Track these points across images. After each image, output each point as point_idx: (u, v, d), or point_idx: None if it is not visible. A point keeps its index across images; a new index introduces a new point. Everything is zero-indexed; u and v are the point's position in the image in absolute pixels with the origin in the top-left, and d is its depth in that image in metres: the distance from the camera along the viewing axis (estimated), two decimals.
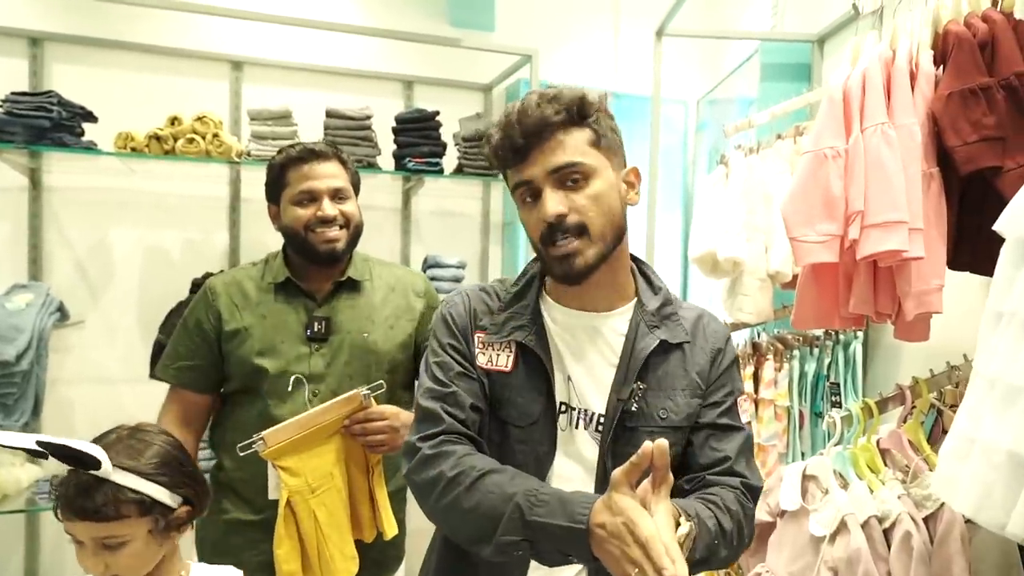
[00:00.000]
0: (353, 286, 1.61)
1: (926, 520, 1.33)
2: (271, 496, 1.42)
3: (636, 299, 1.10)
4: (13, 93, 2.18)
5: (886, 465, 1.45)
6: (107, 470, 1.02)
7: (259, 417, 1.48)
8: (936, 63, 1.35)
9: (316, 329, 1.53)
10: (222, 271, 1.63)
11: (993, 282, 0.94)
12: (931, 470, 1.39)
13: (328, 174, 1.54)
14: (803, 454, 2.06)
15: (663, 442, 0.85)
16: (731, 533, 0.97)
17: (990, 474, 0.87)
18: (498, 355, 1.06)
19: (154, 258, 2.61)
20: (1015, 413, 0.85)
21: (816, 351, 2.09)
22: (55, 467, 2.34)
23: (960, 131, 1.25)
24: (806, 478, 1.53)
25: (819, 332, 2.10)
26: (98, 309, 2.54)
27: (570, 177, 0.98)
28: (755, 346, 2.24)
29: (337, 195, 1.55)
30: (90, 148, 2.29)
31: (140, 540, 1.05)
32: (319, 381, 1.51)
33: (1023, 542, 0.97)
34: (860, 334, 2.00)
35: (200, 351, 1.55)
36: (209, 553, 1.56)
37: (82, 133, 2.29)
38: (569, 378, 1.05)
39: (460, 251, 2.85)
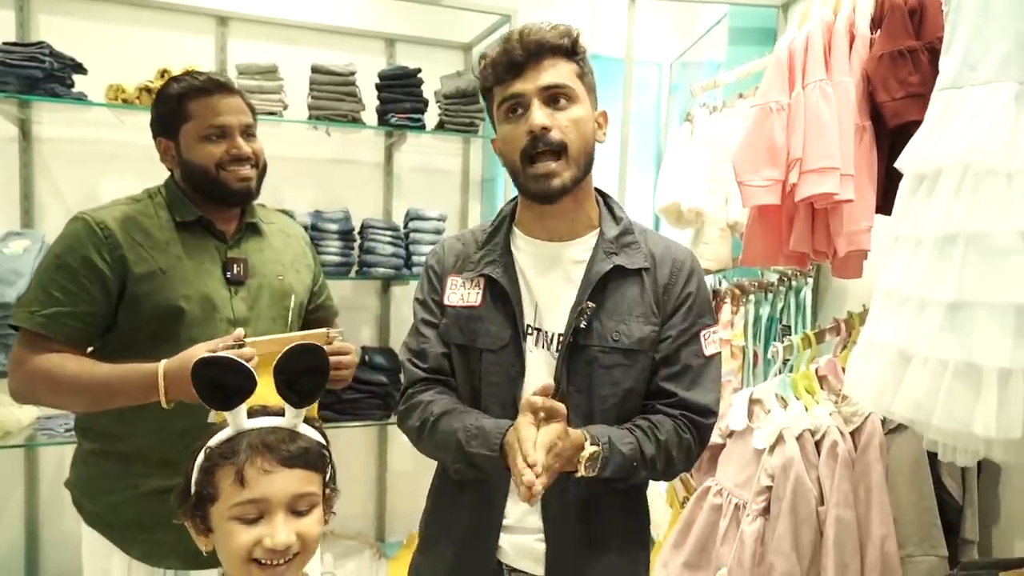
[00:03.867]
0: (255, 229, 1.55)
1: (852, 433, 1.51)
2: (210, 419, 1.19)
3: (599, 228, 1.18)
4: (5, 43, 2.21)
5: (822, 389, 1.63)
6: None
7: None
8: (872, 28, 1.48)
9: (236, 271, 1.45)
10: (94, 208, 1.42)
11: (893, 211, 1.10)
12: None
13: (238, 109, 1.46)
14: None
15: (546, 386, 1.05)
16: (653, 458, 1.10)
17: (883, 369, 1.04)
18: (468, 292, 1.20)
19: None
20: (903, 317, 1.01)
21: (770, 296, 2.23)
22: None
23: (889, 88, 1.40)
24: (752, 402, 1.70)
25: (773, 278, 2.25)
26: None
27: (558, 96, 1.10)
28: (715, 292, 2.37)
29: (247, 131, 1.47)
30: (82, 99, 2.32)
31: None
32: (243, 325, 1.40)
33: (903, 421, 1.14)
34: (810, 280, 2.15)
35: (86, 295, 1.33)
36: (120, 538, 1.42)
37: (72, 85, 2.32)
38: (536, 304, 1.16)
39: (440, 206, 2.89)
